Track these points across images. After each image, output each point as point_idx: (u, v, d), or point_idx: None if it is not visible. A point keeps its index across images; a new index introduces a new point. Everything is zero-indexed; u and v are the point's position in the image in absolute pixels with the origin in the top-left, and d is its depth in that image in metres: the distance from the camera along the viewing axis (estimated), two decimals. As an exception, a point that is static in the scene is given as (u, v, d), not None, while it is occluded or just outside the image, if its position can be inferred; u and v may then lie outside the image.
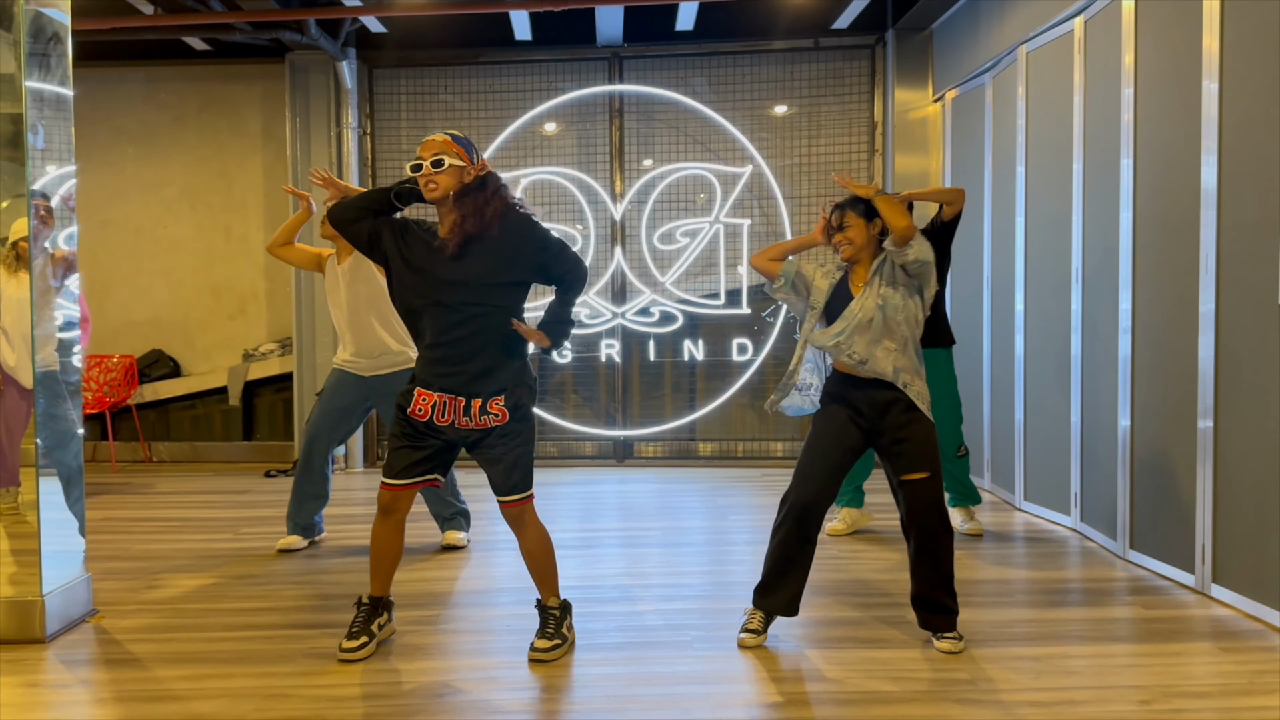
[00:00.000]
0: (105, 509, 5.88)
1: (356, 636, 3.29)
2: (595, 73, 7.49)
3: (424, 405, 3.20)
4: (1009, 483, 5.77)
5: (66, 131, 3.69)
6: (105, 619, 3.73)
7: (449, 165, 3.14)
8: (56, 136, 3.63)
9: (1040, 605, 3.82)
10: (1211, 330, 3.82)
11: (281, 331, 7.83)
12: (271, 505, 5.95)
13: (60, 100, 3.64)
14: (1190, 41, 3.95)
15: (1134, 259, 4.41)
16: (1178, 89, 4.07)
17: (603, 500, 6.05)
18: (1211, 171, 3.81)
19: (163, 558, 4.67)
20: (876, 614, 3.70)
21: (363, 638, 3.29)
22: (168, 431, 7.98)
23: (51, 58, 3.58)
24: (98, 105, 7.76)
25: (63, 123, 3.67)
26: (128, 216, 7.82)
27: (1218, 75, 3.78)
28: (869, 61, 7.34)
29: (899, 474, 3.32)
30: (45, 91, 3.56)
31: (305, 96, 7.42)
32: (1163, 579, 4.15)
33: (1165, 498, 4.18)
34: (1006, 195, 5.80)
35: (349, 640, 3.28)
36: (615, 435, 7.49)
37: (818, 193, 7.38)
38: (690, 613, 3.77)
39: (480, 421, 3.20)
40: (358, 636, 3.29)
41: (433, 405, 3.19)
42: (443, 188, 3.15)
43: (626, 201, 7.41)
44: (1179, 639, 3.43)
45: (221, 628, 3.62)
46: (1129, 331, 4.44)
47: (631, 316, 7.39)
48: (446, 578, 4.29)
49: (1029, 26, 5.38)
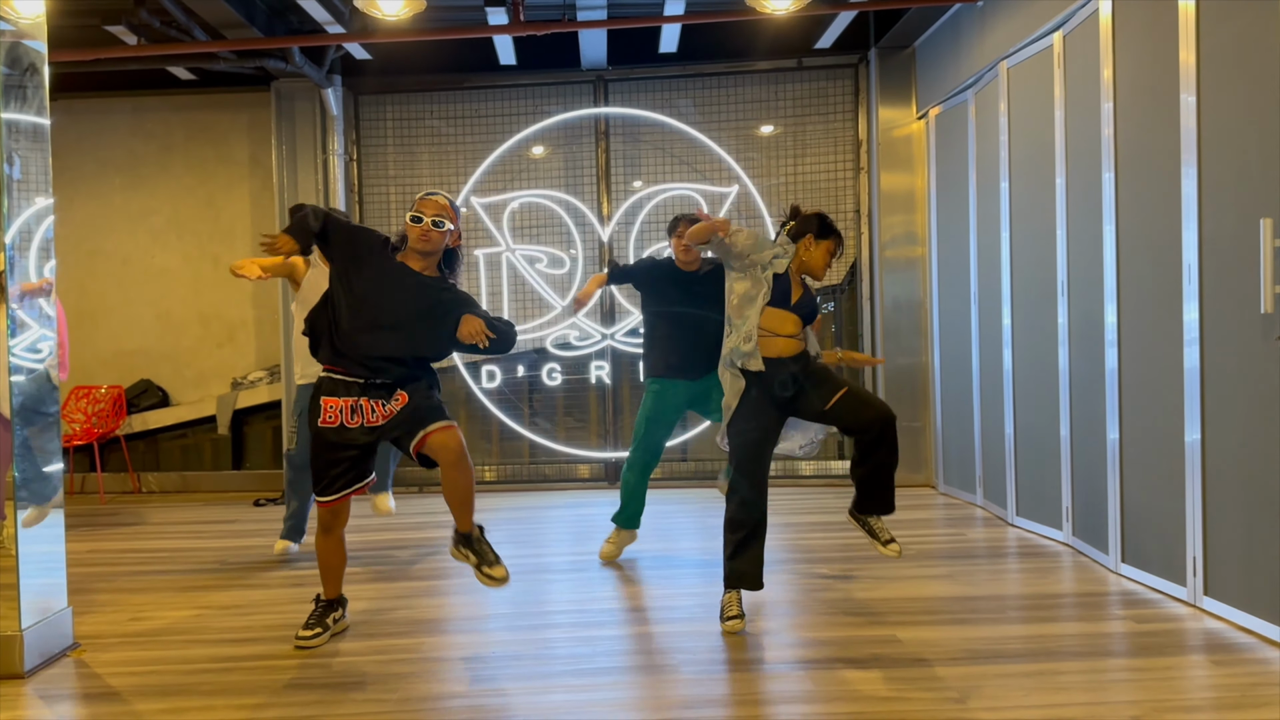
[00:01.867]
0: (91, 541, 5.83)
1: (312, 627, 3.69)
2: (580, 96, 7.52)
3: (333, 413, 3.53)
4: (1000, 498, 5.74)
5: (44, 162, 3.68)
6: (86, 652, 3.69)
7: (447, 229, 3.58)
8: (34, 167, 3.61)
9: (1032, 621, 3.79)
10: (1196, 342, 3.81)
11: (270, 359, 7.81)
12: (259, 534, 5.90)
13: (37, 130, 3.63)
14: (1167, 54, 3.97)
15: (1118, 271, 4.41)
16: (1156, 102, 4.08)
17: (594, 523, 6.00)
18: (1191, 183, 3.82)
19: (147, 590, 4.62)
20: (865, 633, 3.66)
21: (318, 629, 3.69)
22: (157, 462, 7.93)
23: (28, 88, 3.57)
24: (84, 136, 7.77)
25: (40, 153, 3.65)
26: (115, 246, 7.81)
27: (1195, 88, 3.80)
28: (852, 80, 7.37)
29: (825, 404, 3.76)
30: (21, 122, 3.55)
31: (291, 124, 7.43)
32: (1155, 592, 4.11)
33: (1155, 510, 4.15)
34: (991, 210, 5.81)
35: (305, 629, 3.68)
36: (606, 457, 7.45)
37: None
38: (681, 636, 3.73)
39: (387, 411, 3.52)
40: (313, 627, 3.69)
41: (339, 410, 3.53)
42: (434, 244, 3.56)
43: (614, 223, 7.41)
44: (1171, 652, 3.40)
45: (204, 659, 3.57)
46: (1115, 344, 4.43)
47: (621, 337, 7.37)
48: (432, 605, 4.25)
49: (1009, 42, 5.40)
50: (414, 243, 3.55)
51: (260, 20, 6.36)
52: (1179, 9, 3.87)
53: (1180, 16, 3.87)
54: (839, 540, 5.27)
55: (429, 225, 3.54)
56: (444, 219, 3.56)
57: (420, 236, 3.54)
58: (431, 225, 3.54)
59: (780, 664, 3.37)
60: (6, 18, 3.49)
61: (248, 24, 6.12)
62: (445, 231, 3.57)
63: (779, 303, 3.80)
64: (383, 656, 3.54)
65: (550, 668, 3.40)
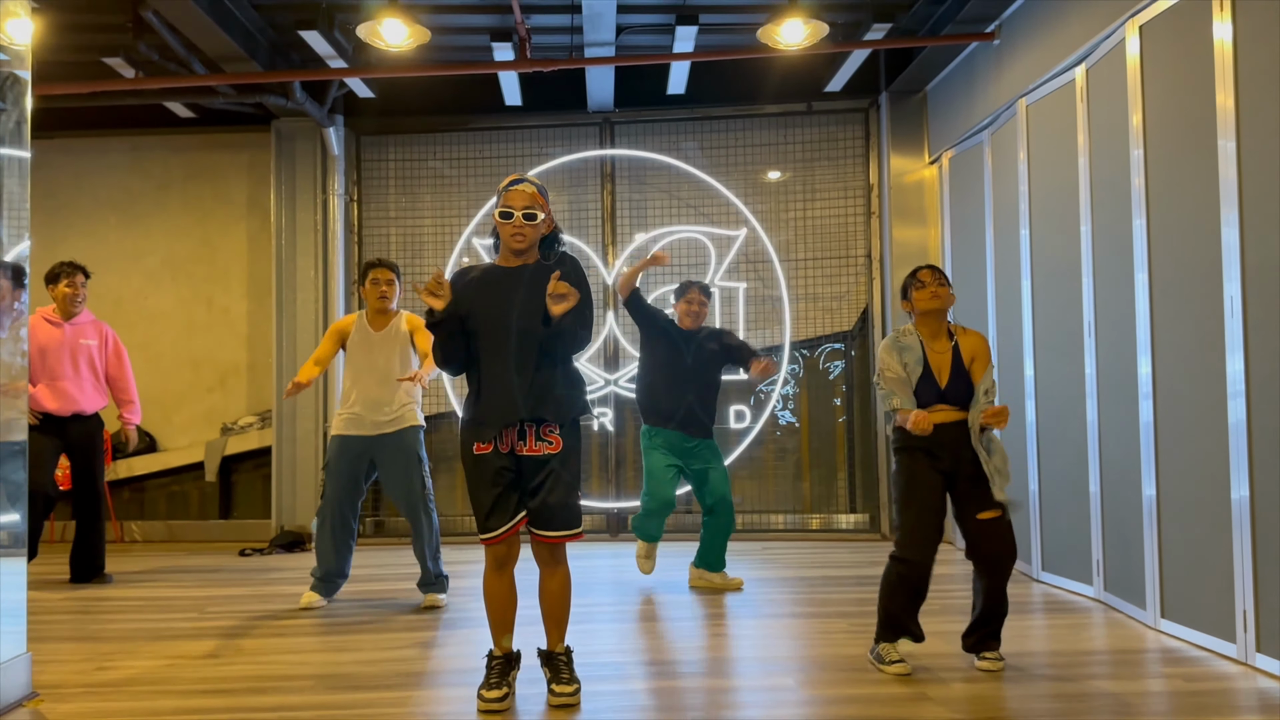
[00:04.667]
0: (63, 589, 5.53)
1: (497, 687, 3.23)
2: (586, 138, 7.39)
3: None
4: (1024, 554, 5.45)
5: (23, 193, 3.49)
6: (44, 703, 3.39)
7: (540, 220, 3.23)
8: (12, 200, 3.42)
9: (1067, 679, 3.49)
10: (1242, 395, 3.57)
11: (261, 404, 7.57)
12: (243, 583, 5.60)
13: (20, 165, 3.45)
14: (1203, 97, 3.78)
15: (1152, 322, 4.17)
16: (1191, 148, 3.88)
17: (595, 574, 5.71)
18: (1233, 232, 3.61)
19: (118, 639, 4.32)
20: (887, 690, 3.37)
21: (504, 688, 3.24)
22: (142, 509, 7.64)
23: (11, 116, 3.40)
24: (82, 174, 7.64)
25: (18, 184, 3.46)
26: (108, 287, 7.61)
27: (1235, 133, 3.60)
28: (863, 125, 7.25)
29: (976, 512, 3.50)
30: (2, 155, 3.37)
31: (291, 164, 7.29)
32: (1199, 649, 3.82)
33: (1199, 565, 3.88)
34: (1010, 256, 5.61)
35: (488, 690, 3.21)
36: (608, 507, 7.17)
37: (814, 255, 7.22)
38: (689, 692, 3.44)
39: (535, 448, 3.22)
40: (498, 687, 3.23)
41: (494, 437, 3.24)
42: (530, 241, 3.23)
43: (620, 266, 7.23)
44: (1226, 713, 3.11)
45: (170, 712, 3.27)
46: (1149, 397, 4.19)
47: (625, 383, 7.14)
48: (421, 656, 3.95)
49: (1028, 79, 5.26)
50: (508, 241, 3.23)
51: (262, 55, 6.25)
52: (1214, 46, 3.70)
53: (1216, 55, 3.69)
54: (853, 595, 4.99)
55: (520, 221, 3.20)
56: (535, 210, 3.21)
57: (513, 235, 3.21)
58: (523, 219, 3.20)
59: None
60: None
61: (248, 58, 6.00)
62: (539, 224, 3.24)
63: (928, 399, 3.58)
64: (373, 710, 3.25)
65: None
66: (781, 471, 7.28)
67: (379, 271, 4.84)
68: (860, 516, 7.12)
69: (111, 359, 5.79)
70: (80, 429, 5.62)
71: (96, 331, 5.75)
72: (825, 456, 7.27)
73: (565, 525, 3.25)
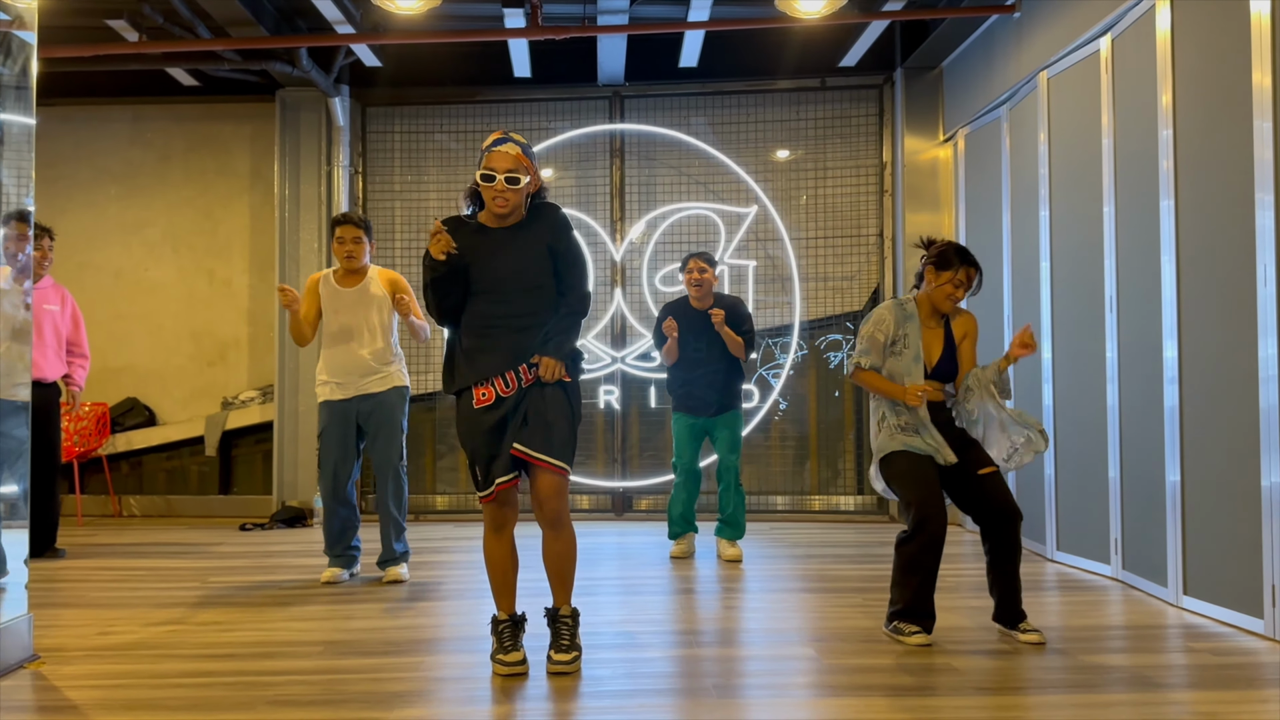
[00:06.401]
0: (63, 560, 5.44)
1: (514, 649, 3.16)
2: (596, 112, 7.29)
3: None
4: (1039, 534, 5.38)
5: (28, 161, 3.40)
6: (47, 665, 3.30)
7: (524, 184, 3.13)
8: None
9: (1088, 652, 3.42)
10: (1274, 380, 3.49)
11: (263, 379, 7.47)
12: (245, 556, 5.52)
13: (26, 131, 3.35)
14: (1239, 73, 3.67)
15: (1178, 305, 4.08)
16: (1224, 127, 3.79)
17: (600, 550, 5.64)
18: (1269, 215, 3.51)
19: (120, 605, 4.23)
20: (903, 661, 3.30)
21: (520, 651, 3.17)
22: (140, 484, 7.54)
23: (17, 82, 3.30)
24: (81, 143, 7.52)
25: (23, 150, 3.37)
26: (108, 259, 7.51)
27: (1271, 113, 3.51)
28: (877, 103, 7.16)
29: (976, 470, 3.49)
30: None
31: (296, 134, 7.19)
32: (1224, 624, 3.76)
33: (1225, 543, 3.80)
34: (1029, 236, 5.52)
35: (504, 654, 3.14)
36: (614, 487, 7.09)
37: (825, 234, 7.14)
38: (706, 660, 3.36)
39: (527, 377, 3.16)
40: (515, 649, 3.16)
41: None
42: (512, 205, 3.14)
43: (628, 242, 7.14)
44: (1256, 686, 3.04)
45: (176, 674, 3.19)
46: (1175, 381, 4.10)
47: (632, 361, 7.06)
48: (429, 624, 3.88)
49: (1050, 50, 5.16)
50: (490, 205, 3.14)
51: (268, 20, 6.14)
52: (1251, 19, 3.59)
53: (1253, 29, 3.58)
54: (863, 571, 4.92)
55: (502, 184, 3.09)
56: (518, 173, 3.10)
57: (495, 199, 3.11)
58: (505, 183, 3.09)
59: (814, 689, 3.01)
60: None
61: (255, 21, 5.89)
62: (522, 188, 3.12)
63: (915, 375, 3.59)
64: (380, 674, 3.17)
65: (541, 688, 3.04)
66: (785, 453, 7.21)
67: (344, 229, 4.58)
68: (866, 498, 7.05)
69: (70, 324, 5.58)
70: (39, 396, 4.99)
71: (58, 295, 5.53)
72: (831, 438, 7.19)
73: (547, 447, 3.11)
